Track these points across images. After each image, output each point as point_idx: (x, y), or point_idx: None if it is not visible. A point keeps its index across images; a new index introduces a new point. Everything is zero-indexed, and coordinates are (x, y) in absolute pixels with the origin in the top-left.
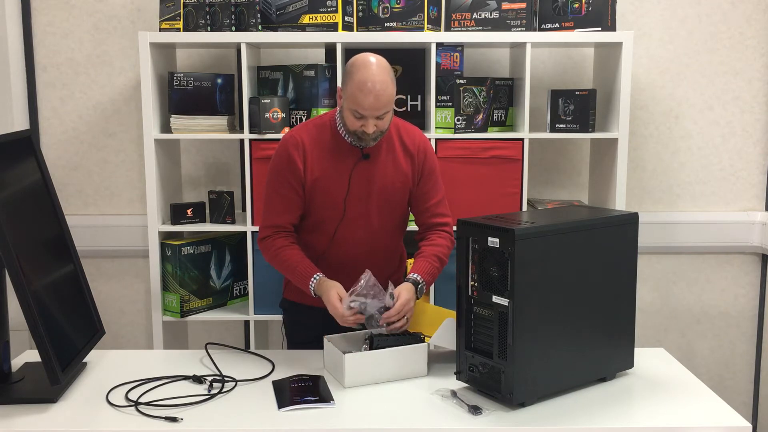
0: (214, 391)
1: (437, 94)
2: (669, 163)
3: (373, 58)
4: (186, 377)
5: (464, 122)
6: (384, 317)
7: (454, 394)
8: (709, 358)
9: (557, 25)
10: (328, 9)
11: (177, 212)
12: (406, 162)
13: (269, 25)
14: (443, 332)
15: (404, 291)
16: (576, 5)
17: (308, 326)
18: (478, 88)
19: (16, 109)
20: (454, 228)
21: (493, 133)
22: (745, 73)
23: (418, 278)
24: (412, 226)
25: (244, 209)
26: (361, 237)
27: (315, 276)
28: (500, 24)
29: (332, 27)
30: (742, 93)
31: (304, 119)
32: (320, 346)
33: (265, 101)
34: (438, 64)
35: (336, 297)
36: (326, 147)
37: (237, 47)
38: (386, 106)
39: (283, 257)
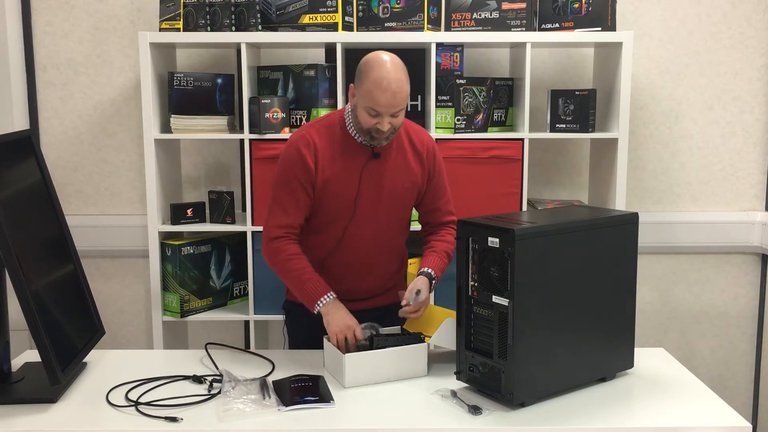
0: (214, 391)
1: (437, 94)
2: (669, 163)
3: (387, 56)
4: (186, 377)
5: (464, 122)
6: (404, 311)
7: (454, 394)
8: (709, 358)
9: (557, 25)
10: (328, 9)
11: (177, 212)
12: (416, 162)
13: (269, 25)
14: (443, 332)
15: (423, 287)
16: (576, 5)
17: (310, 328)
18: (478, 88)
19: (16, 109)
20: None
21: (493, 133)
22: (745, 73)
23: (432, 273)
24: (413, 226)
25: (244, 209)
26: (369, 237)
27: (328, 295)
28: (500, 24)
29: (332, 27)
30: (742, 93)
31: (304, 119)
32: (322, 347)
33: (265, 101)
34: (438, 64)
35: (350, 316)
36: (337, 147)
37: (237, 47)
38: (402, 103)
39: (292, 267)
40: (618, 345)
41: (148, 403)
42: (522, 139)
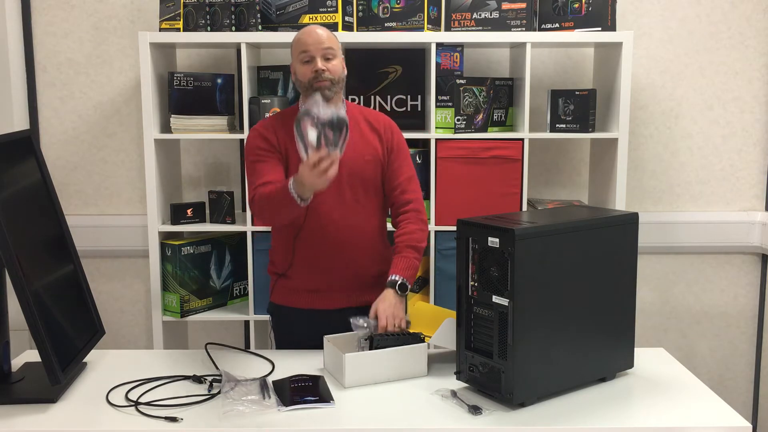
0: (214, 391)
1: (437, 94)
2: (669, 163)
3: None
4: (186, 377)
5: (464, 122)
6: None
7: (454, 394)
8: (709, 358)
9: (557, 25)
10: (328, 9)
11: (177, 212)
12: (374, 137)
13: (269, 25)
14: (443, 332)
15: (379, 302)
16: (576, 5)
17: (294, 329)
18: (478, 88)
19: (16, 109)
20: (447, 227)
21: (493, 133)
22: (745, 73)
23: (397, 279)
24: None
25: (244, 209)
26: (335, 214)
27: (290, 181)
28: (500, 24)
29: (332, 27)
30: (742, 93)
31: None
32: (307, 347)
33: (265, 101)
34: (438, 64)
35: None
36: (292, 126)
37: (237, 47)
38: (328, 42)
39: (266, 193)
40: (618, 345)
41: (148, 403)
42: (522, 139)
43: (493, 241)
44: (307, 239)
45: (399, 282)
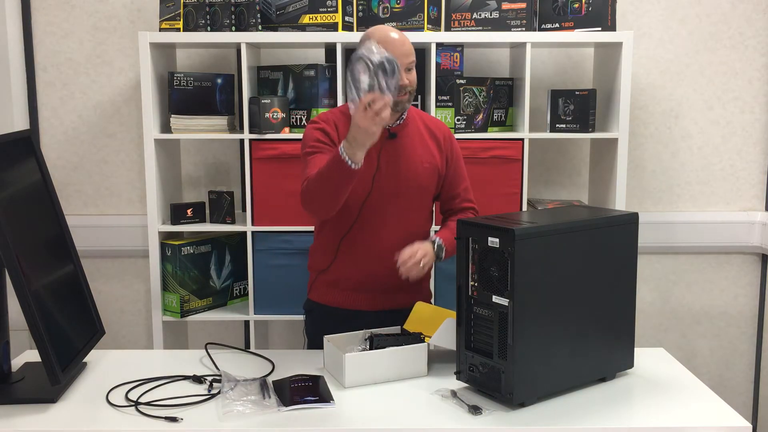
0: (214, 391)
1: (437, 94)
2: (669, 163)
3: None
4: (186, 377)
5: (464, 122)
6: (399, 258)
7: (454, 394)
8: (709, 358)
9: (557, 25)
10: (328, 9)
11: (177, 212)
12: (433, 144)
13: (269, 25)
14: (443, 332)
15: (417, 243)
16: (576, 5)
17: (331, 328)
18: (478, 88)
19: (16, 109)
20: None
21: (493, 133)
22: (745, 73)
23: (438, 241)
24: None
25: (244, 209)
26: (386, 217)
27: (340, 147)
28: (500, 24)
29: (332, 27)
30: (742, 93)
31: (304, 119)
32: None
33: (265, 101)
34: (438, 64)
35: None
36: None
37: (237, 47)
38: (411, 53)
39: (315, 173)
40: (618, 345)
41: (148, 403)
42: (522, 139)
43: (493, 241)
44: (353, 239)
45: (437, 242)
